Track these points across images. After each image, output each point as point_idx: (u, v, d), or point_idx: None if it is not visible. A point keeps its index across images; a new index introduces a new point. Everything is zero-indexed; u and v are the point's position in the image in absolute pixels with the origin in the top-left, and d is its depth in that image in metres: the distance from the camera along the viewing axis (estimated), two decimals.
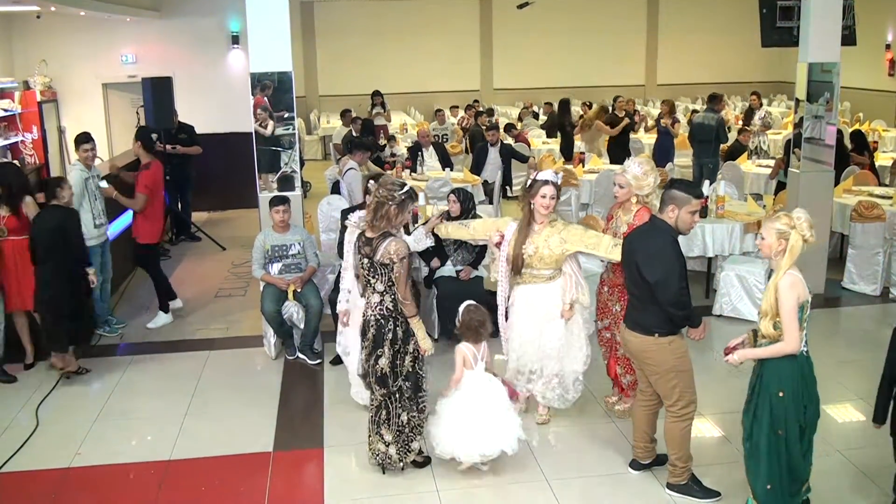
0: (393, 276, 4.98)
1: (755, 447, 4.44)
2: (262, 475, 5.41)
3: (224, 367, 7.24)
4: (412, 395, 5.18)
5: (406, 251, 5.03)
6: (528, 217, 5.65)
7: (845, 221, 9.18)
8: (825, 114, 8.54)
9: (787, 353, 4.28)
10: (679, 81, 23.02)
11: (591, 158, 12.64)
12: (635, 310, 4.94)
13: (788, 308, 4.23)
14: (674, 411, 4.89)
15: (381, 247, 4.95)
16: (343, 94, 20.77)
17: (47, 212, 6.83)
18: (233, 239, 11.50)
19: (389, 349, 5.06)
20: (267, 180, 7.45)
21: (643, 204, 5.77)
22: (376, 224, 5.00)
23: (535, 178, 5.60)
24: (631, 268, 4.90)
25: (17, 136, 12.04)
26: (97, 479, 5.46)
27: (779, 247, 4.30)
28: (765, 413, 4.35)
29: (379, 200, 5.00)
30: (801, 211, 4.34)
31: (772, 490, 4.39)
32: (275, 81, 7.28)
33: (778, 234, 4.30)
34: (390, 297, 5.04)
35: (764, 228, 4.40)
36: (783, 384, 4.30)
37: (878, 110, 18.17)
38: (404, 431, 5.21)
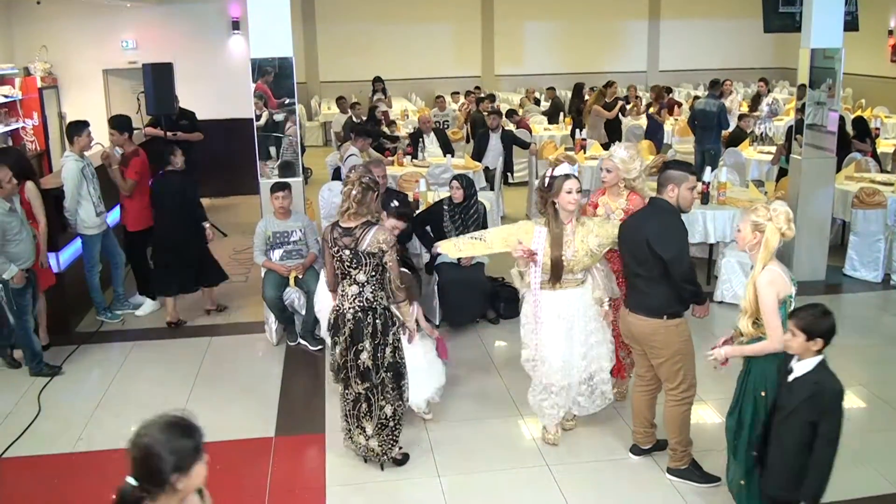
0: (386, 264, 4.91)
1: (733, 446, 4.37)
2: (265, 460, 5.43)
3: (225, 353, 7.26)
4: (395, 384, 5.08)
5: (393, 240, 5.00)
6: (554, 219, 5.14)
7: (847, 208, 9.16)
8: (827, 100, 8.52)
9: (770, 351, 4.14)
10: (682, 67, 22.93)
11: (593, 145, 12.62)
12: (640, 293, 4.89)
13: (768, 305, 4.11)
14: (674, 395, 4.90)
15: (368, 236, 4.85)
16: (344, 81, 20.73)
17: (166, 178, 7.76)
18: (234, 225, 11.50)
19: (370, 343, 4.95)
20: (265, 168, 7.45)
21: (631, 189, 5.71)
22: (360, 212, 4.90)
23: (553, 174, 5.14)
24: (639, 248, 4.80)
25: (17, 122, 12.04)
26: (99, 464, 5.47)
27: (753, 239, 4.21)
28: (746, 413, 4.26)
29: (366, 187, 4.90)
30: (781, 203, 4.23)
31: (746, 486, 4.31)
32: (275, 67, 7.27)
33: (753, 225, 4.21)
34: (370, 289, 4.93)
35: (740, 221, 4.33)
36: (767, 384, 4.18)
37: (881, 97, 18.12)
38: (388, 425, 5.11)
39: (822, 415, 3.76)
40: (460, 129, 15.20)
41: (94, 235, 7.69)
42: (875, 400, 6.13)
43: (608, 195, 5.86)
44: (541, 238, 5.16)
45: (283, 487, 5.13)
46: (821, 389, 3.78)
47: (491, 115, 12.02)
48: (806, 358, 3.87)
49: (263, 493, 5.05)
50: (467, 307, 7.58)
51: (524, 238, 5.20)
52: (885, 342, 7.34)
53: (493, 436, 5.70)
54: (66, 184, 7.48)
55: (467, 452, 5.48)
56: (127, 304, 8.22)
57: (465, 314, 7.61)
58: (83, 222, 7.59)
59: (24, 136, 12.13)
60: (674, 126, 14.99)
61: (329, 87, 21.25)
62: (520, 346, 5.52)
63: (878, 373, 6.66)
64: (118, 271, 8.15)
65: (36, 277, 6.87)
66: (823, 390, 3.77)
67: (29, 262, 6.65)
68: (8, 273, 6.44)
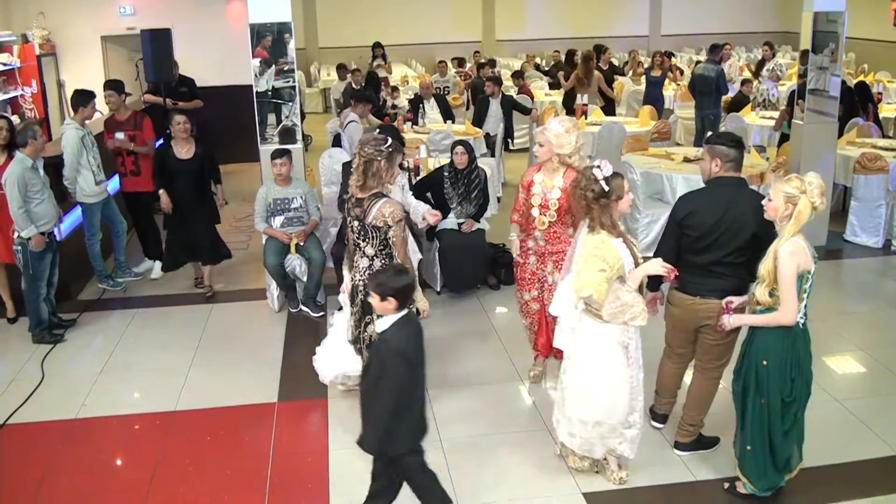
0: (390, 239, 4.83)
1: (741, 411, 4.39)
2: (267, 425, 5.47)
3: (228, 320, 7.29)
4: None
5: (401, 213, 4.85)
6: (613, 226, 4.46)
7: (848, 173, 9.14)
8: (830, 65, 8.46)
9: (782, 324, 4.11)
10: (684, 32, 22.75)
11: (594, 110, 12.56)
12: (719, 277, 4.60)
13: (787, 277, 4.04)
14: (714, 373, 4.84)
15: (375, 208, 4.78)
16: (343, 47, 20.59)
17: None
18: (235, 193, 11.47)
19: (377, 316, 4.85)
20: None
21: (567, 165, 5.40)
22: (368, 184, 4.83)
23: (606, 175, 4.46)
24: (741, 231, 4.51)
25: (16, 90, 11.96)
26: (103, 429, 5.52)
27: (785, 211, 4.08)
28: (751, 380, 4.27)
29: (367, 159, 4.81)
30: (815, 175, 4.10)
31: (752, 452, 4.33)
32: (274, 32, 7.22)
33: (786, 197, 4.08)
34: (379, 262, 4.87)
35: (772, 189, 4.18)
36: (769, 353, 4.17)
37: (884, 61, 18.00)
38: None
39: (382, 371, 3.83)
40: (461, 95, 15.13)
41: (94, 204, 7.69)
42: (875, 364, 6.16)
43: (543, 172, 5.53)
44: (626, 252, 4.45)
45: (286, 452, 5.18)
46: (386, 346, 3.87)
47: (489, 81, 11.94)
48: (387, 315, 3.93)
49: (267, 458, 5.09)
50: (468, 273, 7.59)
51: (613, 260, 4.30)
52: (886, 307, 7.36)
53: (493, 400, 5.74)
54: (66, 152, 7.48)
55: (468, 416, 5.53)
56: (129, 272, 8.23)
57: (466, 280, 7.62)
58: (82, 191, 7.59)
59: (22, 104, 12.06)
60: (676, 91, 14.93)
61: (328, 53, 21.11)
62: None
63: (879, 338, 6.68)
64: (119, 239, 8.16)
65: (57, 246, 6.90)
66: (388, 347, 3.86)
67: (48, 226, 6.69)
68: (27, 232, 6.47)
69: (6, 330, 7.11)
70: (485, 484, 4.78)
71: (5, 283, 7.19)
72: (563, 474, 4.83)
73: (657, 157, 9.42)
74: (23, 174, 6.48)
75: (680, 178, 8.48)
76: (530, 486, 4.75)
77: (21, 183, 6.46)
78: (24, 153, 6.55)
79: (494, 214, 9.07)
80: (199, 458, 5.13)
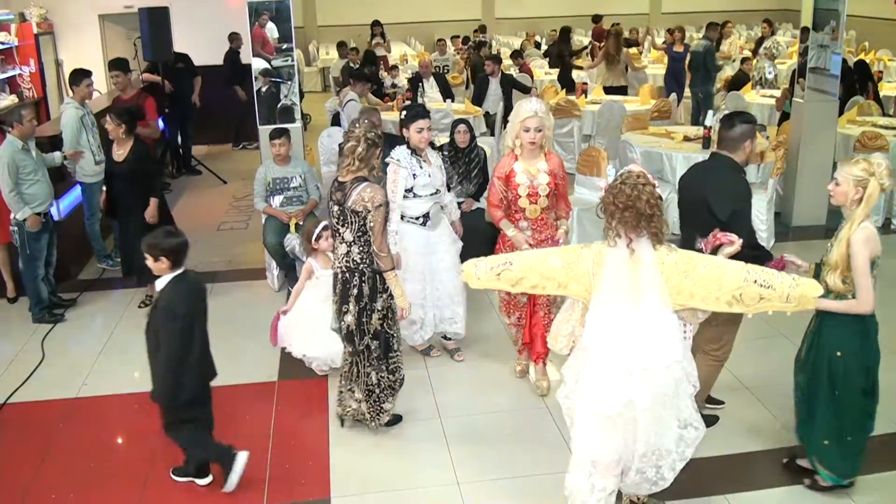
0: (368, 225, 4.62)
1: (811, 404, 4.29)
2: (268, 403, 5.50)
3: (228, 299, 7.29)
4: (381, 354, 4.87)
5: (382, 199, 4.63)
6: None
7: (849, 152, 9.11)
8: (830, 43, 8.42)
9: (860, 312, 4.02)
10: (684, 10, 22.60)
11: (594, 89, 12.51)
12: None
13: (862, 265, 3.95)
14: (711, 354, 4.81)
15: (355, 192, 4.58)
16: (342, 25, 20.49)
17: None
18: (234, 172, 11.48)
19: (354, 305, 4.74)
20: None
21: (542, 147, 5.26)
22: (360, 168, 4.64)
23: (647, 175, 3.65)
24: (695, 207, 4.60)
25: (14, 69, 11.93)
26: (104, 408, 5.55)
27: (855, 195, 4.00)
28: (822, 373, 4.17)
29: (370, 144, 4.63)
30: (882, 156, 4.06)
31: (830, 446, 4.25)
32: (272, 10, 7.18)
33: (856, 181, 3.99)
34: (357, 249, 4.68)
35: (839, 174, 4.07)
36: (843, 344, 4.08)
37: (884, 39, 17.89)
38: (374, 392, 4.94)
39: (158, 327, 4.20)
40: (460, 74, 15.08)
41: (94, 184, 7.67)
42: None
43: (524, 160, 5.26)
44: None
45: (287, 430, 5.21)
46: (161, 303, 4.22)
47: (489, 60, 11.89)
48: (163, 275, 4.25)
49: (267, 436, 5.12)
50: (468, 252, 7.56)
51: (581, 273, 3.69)
52: (885, 285, 7.32)
53: (493, 378, 5.76)
54: (65, 131, 7.47)
55: (468, 394, 5.56)
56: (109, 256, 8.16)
57: (466, 258, 7.58)
58: (82, 170, 7.59)
59: (21, 83, 12.03)
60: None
61: (327, 32, 21.00)
62: None
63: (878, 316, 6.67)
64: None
65: (53, 225, 6.90)
66: (162, 304, 4.20)
67: (43, 207, 6.68)
68: (21, 213, 6.48)
69: (7, 310, 7.12)
70: (487, 463, 4.80)
71: (7, 263, 7.19)
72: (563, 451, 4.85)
73: (657, 136, 9.39)
74: (12, 157, 6.46)
75: (680, 157, 8.46)
76: (532, 463, 4.78)
77: (11, 166, 6.44)
78: (13, 135, 6.54)
79: None
80: None
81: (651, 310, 3.55)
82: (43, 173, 6.74)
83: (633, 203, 3.50)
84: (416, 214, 5.74)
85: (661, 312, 3.56)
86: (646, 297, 3.55)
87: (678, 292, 3.57)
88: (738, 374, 5.60)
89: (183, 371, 4.23)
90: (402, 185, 5.59)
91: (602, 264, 3.61)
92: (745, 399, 5.39)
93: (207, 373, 4.47)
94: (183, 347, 4.20)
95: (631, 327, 3.57)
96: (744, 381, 5.57)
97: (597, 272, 3.62)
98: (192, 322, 4.26)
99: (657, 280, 3.55)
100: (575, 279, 3.68)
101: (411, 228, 5.75)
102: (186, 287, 4.27)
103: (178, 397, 4.29)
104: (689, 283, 3.55)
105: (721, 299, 3.55)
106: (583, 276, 3.66)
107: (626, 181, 3.56)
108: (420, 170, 5.64)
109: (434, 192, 5.74)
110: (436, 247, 5.84)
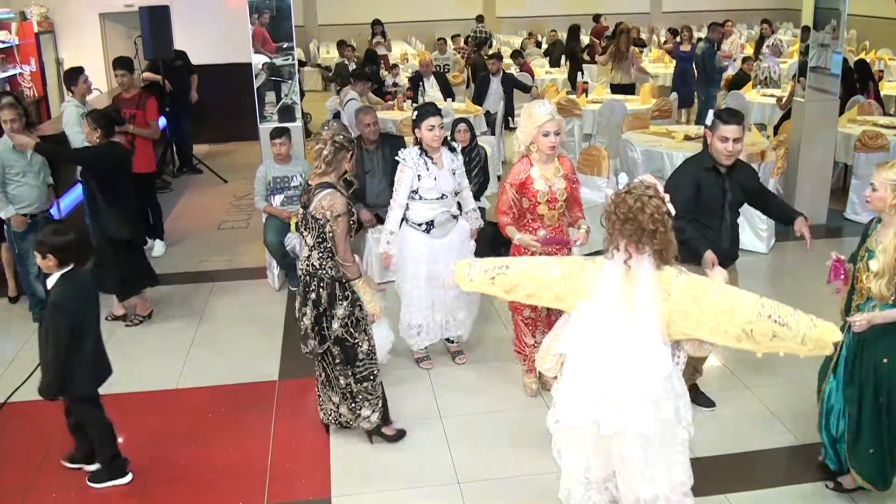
0: (327, 234, 4.51)
1: (858, 415, 4.13)
2: (269, 403, 5.50)
3: (228, 298, 7.30)
4: (344, 360, 4.72)
5: (342, 208, 4.46)
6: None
7: (849, 151, 9.12)
8: (831, 42, 8.42)
9: None
10: (685, 9, 22.59)
11: (595, 88, 12.51)
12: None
13: None
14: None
15: (316, 198, 4.48)
16: (343, 24, 20.48)
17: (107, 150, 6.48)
18: (234, 171, 11.48)
19: (312, 310, 4.66)
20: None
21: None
22: (327, 171, 4.55)
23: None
24: None
25: (15, 68, 11.92)
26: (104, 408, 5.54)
27: (893, 199, 3.93)
28: (868, 380, 4.06)
29: (337, 147, 4.53)
30: None
31: (875, 454, 4.15)
32: (273, 9, 7.18)
33: (893, 186, 3.92)
34: (317, 254, 4.57)
35: (875, 178, 4.00)
36: (889, 351, 3.98)
37: (885, 38, 17.89)
38: (348, 396, 4.82)
39: (48, 323, 4.29)
40: (461, 73, 15.08)
41: None
42: None
43: (540, 165, 5.08)
44: None
45: (288, 429, 5.20)
46: (50, 300, 4.31)
47: (491, 59, 11.90)
48: (52, 273, 4.32)
49: (268, 436, 5.12)
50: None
51: (580, 287, 3.52)
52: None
53: (493, 378, 5.76)
54: (67, 129, 7.47)
55: (468, 394, 5.55)
56: None
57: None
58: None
59: (21, 82, 12.02)
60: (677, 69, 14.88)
61: (327, 31, 21.00)
62: None
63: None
64: None
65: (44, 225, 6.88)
66: (51, 301, 4.30)
67: (30, 209, 6.63)
68: (4, 213, 6.47)
69: (8, 309, 7.13)
70: (487, 463, 4.80)
71: (10, 263, 7.19)
72: None
73: (658, 136, 9.40)
74: (1, 156, 6.43)
75: (681, 156, 8.43)
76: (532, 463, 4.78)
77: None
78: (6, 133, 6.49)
79: (495, 192, 9.05)
80: (200, 436, 5.15)
81: (641, 332, 3.35)
82: (34, 177, 6.64)
83: (634, 215, 3.30)
84: (420, 221, 5.53)
85: (650, 338, 3.35)
86: (638, 317, 3.36)
87: (685, 319, 3.34)
88: (737, 372, 5.62)
89: (73, 367, 4.32)
90: (405, 185, 5.42)
91: (598, 277, 3.46)
92: (745, 398, 5.39)
93: (102, 371, 4.58)
94: (71, 343, 4.27)
95: (614, 346, 3.38)
96: (743, 379, 5.58)
97: (594, 285, 3.47)
98: (83, 319, 4.35)
99: (652, 302, 3.34)
100: (573, 293, 3.51)
101: (414, 234, 5.54)
102: (76, 284, 4.34)
103: (70, 393, 4.43)
104: (697, 310, 3.32)
105: (730, 332, 3.30)
106: (581, 290, 3.49)
107: (632, 191, 3.34)
108: (426, 172, 5.42)
109: (440, 196, 5.47)
110: (441, 255, 5.52)
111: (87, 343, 4.38)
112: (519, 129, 5.13)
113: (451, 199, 5.59)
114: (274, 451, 4.96)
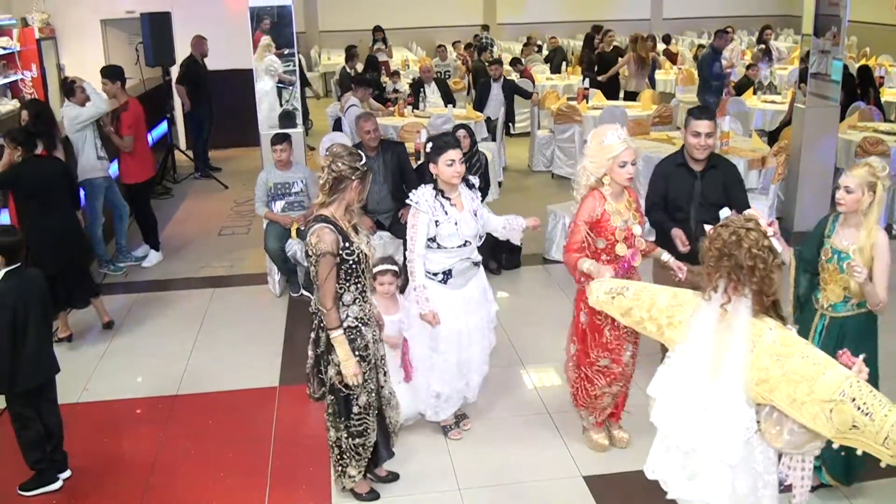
0: (311, 271, 4.10)
1: None
2: (269, 409, 5.49)
3: (229, 304, 7.30)
4: (338, 412, 4.28)
5: (329, 247, 3.96)
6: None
7: (850, 157, 9.11)
8: (832, 48, 8.43)
9: (878, 311, 4.15)
10: (686, 15, 22.62)
11: (596, 94, 12.52)
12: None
13: (887, 264, 4.02)
14: None
15: (309, 231, 4.08)
16: (344, 30, 20.49)
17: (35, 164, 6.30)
18: (235, 177, 11.49)
19: (312, 349, 4.26)
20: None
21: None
22: (320, 201, 4.13)
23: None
24: None
25: (16, 74, 11.94)
26: (105, 414, 5.55)
27: (868, 199, 4.00)
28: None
29: (337, 175, 4.06)
30: (877, 160, 4.10)
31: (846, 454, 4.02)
32: (274, 16, 7.20)
33: (868, 185, 3.98)
34: (316, 292, 4.15)
35: (849, 180, 4.01)
36: (864, 348, 3.85)
37: (885, 45, 17.89)
38: (335, 450, 4.39)
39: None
40: (461, 79, 15.10)
41: (98, 185, 7.59)
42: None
43: (612, 198, 4.51)
44: None
45: (288, 435, 5.20)
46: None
47: (492, 64, 11.92)
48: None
49: (268, 442, 5.12)
50: None
51: (678, 322, 3.26)
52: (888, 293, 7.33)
53: (495, 384, 5.74)
54: (67, 131, 7.45)
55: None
56: (130, 256, 8.22)
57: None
58: (82, 168, 7.49)
59: (23, 88, 12.03)
60: (677, 75, 14.91)
61: (329, 37, 21.02)
62: (520, 295, 5.48)
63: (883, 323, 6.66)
64: (121, 223, 8.13)
65: None
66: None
67: None
68: None
69: None
70: (486, 467, 4.80)
71: None
72: (563, 458, 4.85)
73: (658, 142, 9.40)
74: None
75: None
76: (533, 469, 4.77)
77: None
78: None
79: (495, 199, 9.07)
80: (201, 441, 5.15)
81: (725, 387, 3.03)
82: None
83: (729, 250, 2.98)
84: (435, 270, 4.75)
85: (734, 394, 3.01)
86: (724, 372, 3.03)
87: (763, 379, 2.96)
88: None
89: (15, 363, 4.39)
90: (422, 232, 4.66)
91: (694, 317, 3.17)
92: None
93: (45, 368, 4.60)
94: (11, 338, 4.36)
95: (697, 399, 3.10)
96: None
97: (687, 326, 3.19)
98: (25, 316, 4.42)
99: (741, 358, 2.99)
100: (671, 326, 3.26)
101: (430, 285, 4.75)
102: (17, 281, 4.44)
103: (10, 388, 4.49)
104: (778, 371, 2.92)
105: (806, 406, 2.85)
106: (678, 326, 3.23)
107: (729, 224, 3.04)
108: (444, 216, 4.66)
109: (462, 244, 4.73)
110: (463, 308, 4.86)
111: (30, 340, 4.44)
112: (587, 159, 4.51)
113: (474, 245, 4.85)
114: (274, 458, 4.95)
